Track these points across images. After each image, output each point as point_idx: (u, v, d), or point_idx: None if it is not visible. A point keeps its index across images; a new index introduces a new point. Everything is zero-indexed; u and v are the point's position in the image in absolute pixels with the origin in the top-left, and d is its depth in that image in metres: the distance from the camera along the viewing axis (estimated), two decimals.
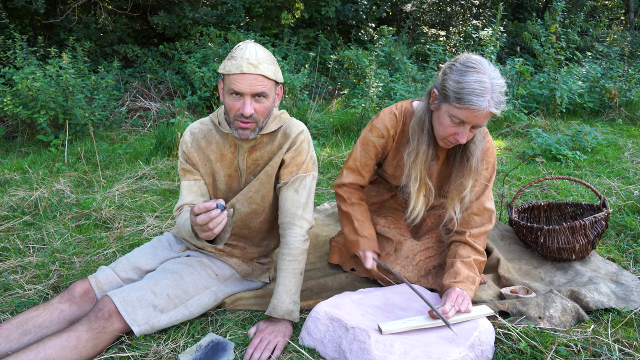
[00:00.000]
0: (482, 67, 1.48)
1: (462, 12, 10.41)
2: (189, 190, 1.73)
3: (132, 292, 1.56)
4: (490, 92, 1.46)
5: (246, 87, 1.51)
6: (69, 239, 2.41)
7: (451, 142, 1.61)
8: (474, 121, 1.51)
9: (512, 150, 4.17)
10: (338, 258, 2.07)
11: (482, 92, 1.45)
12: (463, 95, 1.47)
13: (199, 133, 1.74)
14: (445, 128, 1.57)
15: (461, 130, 1.54)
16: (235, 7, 7.19)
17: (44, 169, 3.55)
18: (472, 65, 1.49)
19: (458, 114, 1.51)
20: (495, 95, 1.47)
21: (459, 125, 1.54)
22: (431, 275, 1.81)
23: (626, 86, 5.53)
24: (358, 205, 1.89)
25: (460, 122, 1.53)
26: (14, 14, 6.64)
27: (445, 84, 1.53)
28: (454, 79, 1.50)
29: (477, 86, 1.45)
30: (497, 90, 1.48)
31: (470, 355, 1.37)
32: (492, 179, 1.77)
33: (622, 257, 2.10)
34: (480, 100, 1.45)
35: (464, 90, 1.47)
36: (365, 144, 1.83)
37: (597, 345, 1.47)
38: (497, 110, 1.48)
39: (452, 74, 1.51)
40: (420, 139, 1.67)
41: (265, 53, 1.55)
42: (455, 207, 1.71)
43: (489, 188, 1.76)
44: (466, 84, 1.46)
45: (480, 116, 1.48)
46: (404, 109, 1.79)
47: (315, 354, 1.51)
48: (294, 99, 5.28)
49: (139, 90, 5.95)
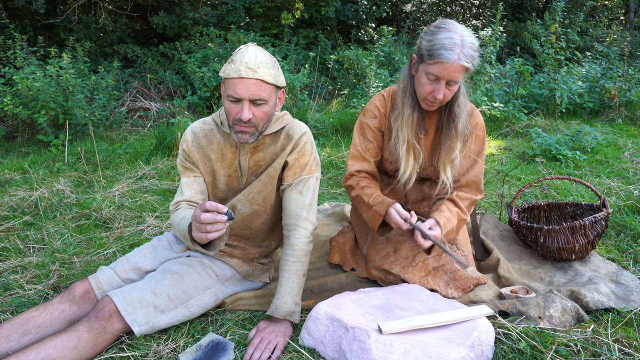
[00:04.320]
0: (452, 26, 1.59)
1: (462, 12, 10.41)
2: (188, 186, 1.73)
3: (133, 292, 1.56)
4: (460, 47, 1.55)
5: (244, 92, 1.50)
6: (69, 239, 2.41)
7: (430, 100, 1.68)
8: (447, 75, 1.58)
9: (512, 150, 4.17)
10: (338, 258, 2.08)
11: (451, 46, 1.54)
12: (433, 51, 1.57)
13: (201, 132, 1.74)
14: (423, 87, 1.66)
15: (437, 87, 1.63)
16: (235, 7, 7.19)
17: (44, 169, 3.55)
18: (443, 26, 1.59)
19: (432, 69, 1.60)
20: (465, 50, 1.56)
21: (434, 82, 1.63)
22: (431, 276, 1.81)
23: (626, 86, 5.54)
24: (367, 187, 1.87)
25: (435, 78, 1.61)
26: (14, 14, 6.64)
27: (420, 46, 1.64)
28: (427, 39, 1.61)
29: (447, 41, 1.55)
30: (468, 45, 1.57)
31: (470, 355, 1.37)
32: (481, 154, 1.84)
33: (622, 257, 2.10)
34: (450, 54, 1.54)
35: (434, 47, 1.57)
36: (361, 129, 1.90)
37: (597, 345, 1.47)
38: (468, 64, 1.57)
39: (426, 35, 1.63)
40: (405, 102, 1.76)
41: (265, 57, 1.54)
42: (447, 172, 1.78)
43: (479, 163, 1.83)
44: (437, 41, 1.57)
45: (451, 69, 1.57)
46: (391, 91, 1.88)
47: (315, 354, 1.51)
48: (294, 99, 5.28)
49: (139, 90, 5.95)
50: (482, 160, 1.84)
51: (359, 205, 1.87)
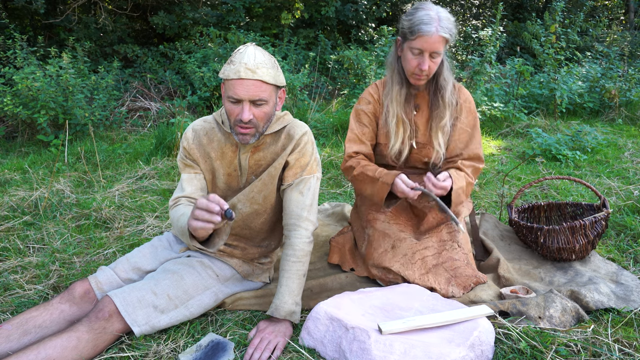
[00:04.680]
0: (428, 5, 1.78)
1: (462, 12, 10.41)
2: (189, 182, 1.73)
3: (133, 292, 1.56)
4: (437, 21, 1.73)
5: (244, 93, 1.50)
6: (69, 239, 2.41)
7: (418, 74, 1.83)
8: (429, 47, 1.76)
9: (512, 150, 4.17)
10: (337, 258, 2.08)
11: (429, 20, 1.73)
12: (414, 27, 1.75)
13: (201, 130, 1.75)
14: (409, 62, 1.82)
15: (422, 60, 1.79)
16: (235, 7, 7.19)
17: (44, 169, 3.55)
18: (420, 6, 1.79)
19: (415, 44, 1.77)
20: (442, 23, 1.74)
21: (419, 56, 1.80)
22: (431, 273, 1.81)
23: (626, 86, 5.53)
24: (368, 165, 1.94)
25: (419, 51, 1.78)
26: (14, 14, 6.64)
27: (402, 26, 1.82)
28: (407, 19, 1.79)
29: (425, 17, 1.73)
30: (444, 18, 1.75)
31: (470, 355, 1.37)
32: (476, 127, 1.98)
33: (622, 257, 2.10)
34: (429, 27, 1.72)
35: (414, 24, 1.75)
36: (356, 115, 2.02)
37: (597, 345, 1.47)
38: (447, 34, 1.74)
39: (406, 16, 1.81)
40: (393, 79, 1.93)
41: (264, 57, 1.54)
42: (439, 138, 1.92)
43: (476, 135, 1.97)
44: (416, 19, 1.75)
45: (432, 41, 1.74)
46: (383, 80, 2.03)
47: (315, 354, 1.51)
48: (294, 99, 5.28)
49: (139, 90, 5.95)
50: (478, 133, 1.98)
51: (362, 182, 1.93)
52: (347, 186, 3.26)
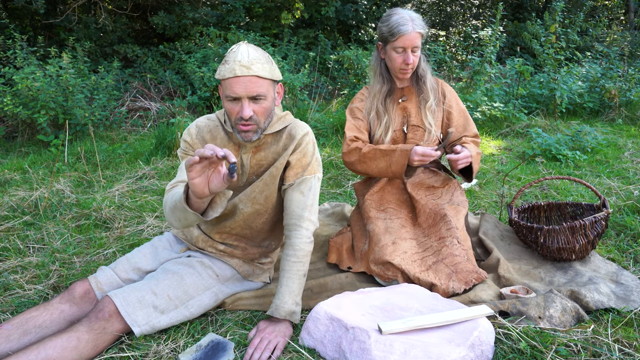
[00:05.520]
0: (398, 10, 2.04)
1: (461, 12, 10.41)
2: None
3: (133, 292, 1.56)
4: (410, 21, 1.99)
5: (242, 90, 1.51)
6: (69, 239, 2.41)
7: (404, 68, 2.07)
8: (410, 43, 2.00)
9: (512, 150, 4.17)
10: (335, 257, 2.08)
11: (404, 22, 1.98)
12: (393, 30, 1.99)
13: (205, 127, 1.75)
14: (395, 60, 2.06)
15: (405, 56, 2.04)
16: (235, 7, 7.19)
17: (44, 169, 3.56)
18: (392, 13, 2.04)
19: (397, 44, 2.01)
20: (416, 22, 2.00)
21: (403, 53, 2.04)
22: (432, 270, 1.81)
23: (626, 86, 5.53)
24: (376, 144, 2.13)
25: (402, 49, 2.03)
26: (14, 14, 6.64)
27: (381, 33, 2.06)
28: (384, 25, 2.03)
29: (400, 20, 1.99)
30: (416, 18, 2.02)
31: (470, 355, 1.37)
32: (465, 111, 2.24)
33: (622, 257, 2.10)
34: (406, 27, 1.98)
35: (392, 27, 2.00)
36: (351, 111, 2.21)
37: (597, 345, 1.47)
38: (422, 30, 2.01)
39: (382, 24, 2.05)
40: (376, 79, 2.17)
41: (258, 53, 1.54)
42: (428, 118, 2.14)
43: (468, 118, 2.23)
44: (392, 23, 2.00)
45: (412, 38, 1.99)
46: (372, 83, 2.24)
47: (315, 354, 1.51)
48: (294, 99, 5.28)
49: (139, 90, 5.95)
50: (468, 113, 2.25)
51: (373, 159, 2.06)
52: (347, 186, 3.26)
